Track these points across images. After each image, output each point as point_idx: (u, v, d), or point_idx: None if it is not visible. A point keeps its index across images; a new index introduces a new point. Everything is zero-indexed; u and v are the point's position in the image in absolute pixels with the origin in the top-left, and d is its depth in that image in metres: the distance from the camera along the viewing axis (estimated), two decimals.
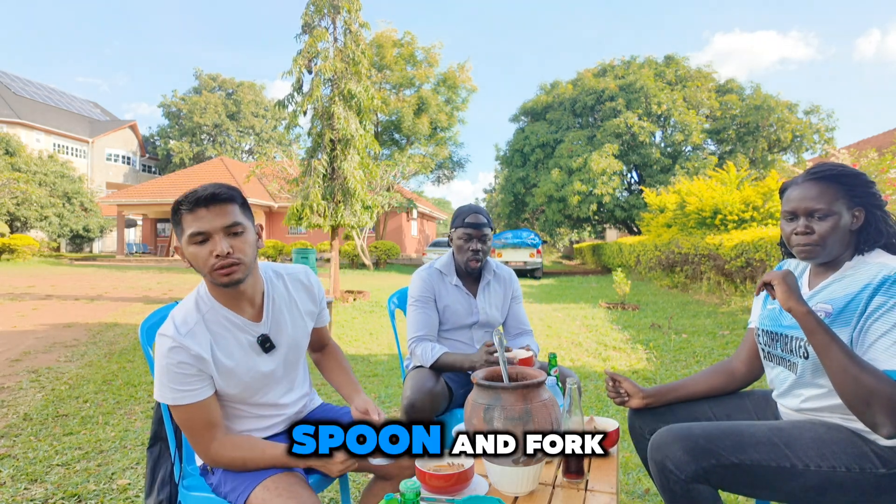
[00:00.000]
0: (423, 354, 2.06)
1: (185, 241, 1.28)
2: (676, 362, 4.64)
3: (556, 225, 22.75)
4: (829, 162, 1.37)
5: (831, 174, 1.30)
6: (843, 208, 1.29)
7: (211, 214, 1.26)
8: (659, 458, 1.27)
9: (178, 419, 1.32)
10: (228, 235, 1.27)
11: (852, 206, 1.30)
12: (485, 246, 2.14)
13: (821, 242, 1.30)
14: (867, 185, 1.31)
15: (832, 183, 1.30)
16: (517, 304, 2.34)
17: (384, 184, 18.80)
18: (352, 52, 9.53)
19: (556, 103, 24.00)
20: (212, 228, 1.25)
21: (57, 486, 2.33)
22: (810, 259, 1.34)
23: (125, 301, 9.41)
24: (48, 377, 4.20)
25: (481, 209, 2.17)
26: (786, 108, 21.11)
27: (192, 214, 1.26)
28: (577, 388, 1.43)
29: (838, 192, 1.29)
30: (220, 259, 1.26)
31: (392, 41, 23.93)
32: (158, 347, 1.30)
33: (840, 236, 1.30)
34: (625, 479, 2.38)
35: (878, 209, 1.30)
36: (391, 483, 1.51)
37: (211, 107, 41.95)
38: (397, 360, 4.55)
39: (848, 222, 1.30)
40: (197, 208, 1.25)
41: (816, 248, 1.31)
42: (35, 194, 23.07)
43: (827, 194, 1.29)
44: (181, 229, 1.28)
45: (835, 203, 1.29)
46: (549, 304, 9.35)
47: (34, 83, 37.60)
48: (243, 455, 1.32)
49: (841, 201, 1.29)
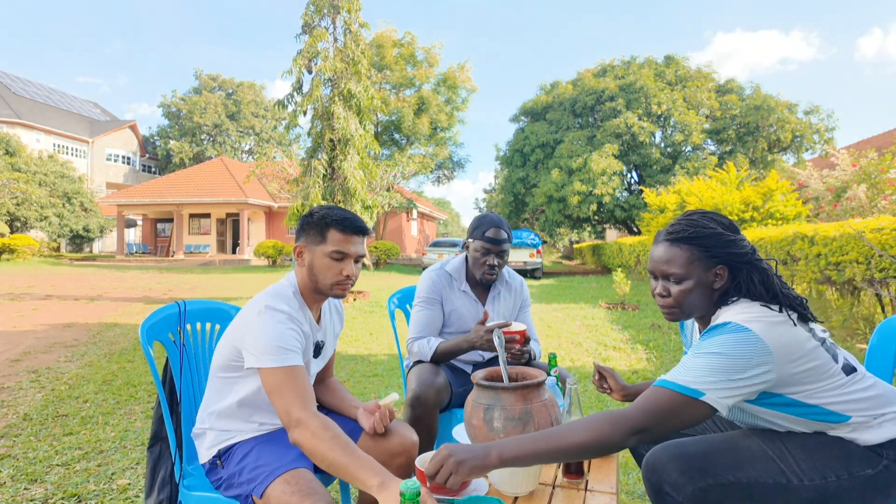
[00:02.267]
0: (422, 350, 2.08)
1: (320, 251, 1.47)
2: (676, 362, 4.63)
3: (556, 225, 22.74)
4: (693, 218, 1.30)
5: (686, 235, 1.27)
6: (699, 270, 1.27)
7: (357, 242, 1.50)
8: (655, 480, 1.25)
9: (279, 382, 1.29)
10: (356, 261, 1.51)
11: (712, 266, 1.27)
12: (502, 261, 2.11)
13: (677, 305, 1.30)
14: (727, 242, 1.26)
15: (687, 245, 1.27)
16: (525, 312, 2.32)
17: (384, 184, 18.80)
18: (352, 52, 9.53)
19: (556, 103, 24.00)
20: (353, 253, 1.49)
21: (57, 486, 2.33)
22: (673, 320, 1.34)
23: (125, 301, 9.41)
24: (48, 377, 4.20)
25: (503, 222, 2.11)
26: (786, 109, 21.11)
27: (343, 235, 1.47)
28: (575, 389, 1.43)
29: (693, 255, 1.27)
30: (347, 279, 1.49)
31: (392, 41, 23.93)
32: (271, 316, 1.38)
33: (700, 296, 1.28)
34: (625, 479, 2.38)
35: (744, 263, 1.26)
36: None
37: (211, 107, 41.94)
38: (397, 360, 4.55)
39: (709, 282, 1.27)
40: (351, 234, 1.48)
41: (675, 311, 1.31)
42: (35, 194, 23.07)
43: (680, 258, 1.27)
44: (322, 240, 1.47)
45: (690, 266, 1.27)
46: (548, 304, 9.35)
47: (34, 83, 37.60)
48: (335, 456, 1.22)
49: (697, 263, 1.27)
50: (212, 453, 1.45)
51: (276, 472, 1.30)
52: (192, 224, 27.50)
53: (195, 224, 27.56)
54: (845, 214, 8.00)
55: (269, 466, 1.33)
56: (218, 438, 1.45)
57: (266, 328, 1.36)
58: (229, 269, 19.82)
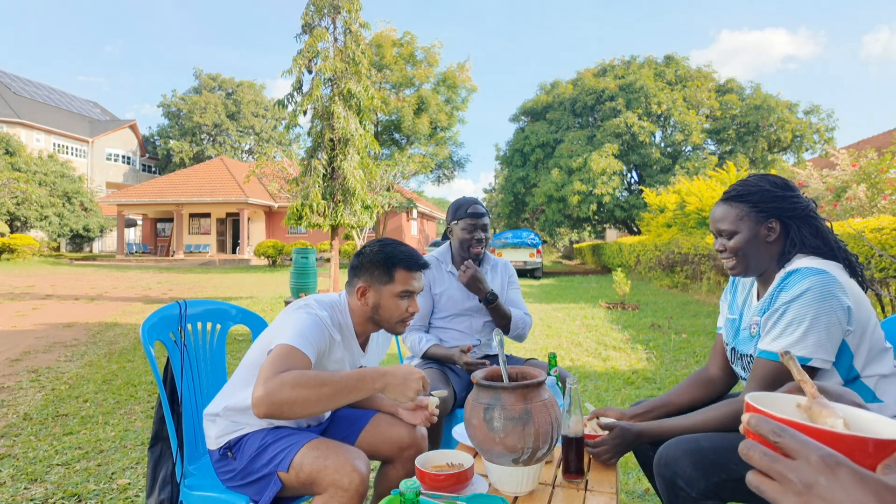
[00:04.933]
0: (413, 347, 2.17)
1: (388, 291, 1.47)
2: (676, 362, 4.64)
3: (556, 225, 22.74)
4: (748, 178, 1.38)
5: (735, 194, 1.36)
6: (749, 225, 1.33)
7: (420, 278, 1.52)
8: (668, 474, 1.24)
9: (282, 354, 1.27)
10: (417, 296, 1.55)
11: (762, 221, 1.32)
12: (486, 234, 2.26)
13: (735, 258, 1.36)
14: (776, 197, 1.32)
15: (736, 202, 1.35)
16: (512, 289, 2.39)
17: (384, 184, 18.80)
18: (352, 51, 9.53)
19: (556, 103, 24.00)
20: (418, 290, 1.51)
21: (57, 485, 2.33)
22: (736, 275, 1.40)
23: (125, 301, 9.41)
24: (48, 377, 4.20)
25: (477, 200, 2.29)
26: (786, 108, 21.13)
27: (409, 274, 1.48)
28: (575, 389, 1.43)
29: (742, 211, 1.34)
30: (411, 316, 1.50)
31: (392, 41, 23.91)
32: (308, 312, 1.39)
33: (756, 251, 1.34)
34: (625, 479, 2.38)
35: (794, 218, 1.31)
36: (395, 468, 1.55)
37: (211, 106, 41.93)
38: (397, 360, 4.55)
39: (762, 236, 1.33)
40: (416, 271, 1.49)
41: (734, 265, 1.37)
42: (35, 194, 23.07)
43: (730, 214, 1.35)
44: (389, 280, 1.46)
45: (740, 222, 1.34)
46: (549, 304, 9.34)
47: (34, 83, 37.59)
48: (317, 374, 1.23)
49: (747, 219, 1.33)
50: (220, 443, 1.44)
51: (299, 443, 1.33)
52: (192, 224, 27.50)
53: (195, 224, 27.56)
54: (845, 214, 7.99)
55: (290, 441, 1.35)
56: (228, 429, 1.45)
57: (300, 318, 1.38)
58: (229, 269, 19.82)
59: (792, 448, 0.48)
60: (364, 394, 1.27)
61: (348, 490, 1.24)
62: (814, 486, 0.45)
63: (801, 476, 0.46)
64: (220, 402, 1.49)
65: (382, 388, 1.28)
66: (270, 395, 1.16)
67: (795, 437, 0.48)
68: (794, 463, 0.47)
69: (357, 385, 1.26)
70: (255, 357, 1.46)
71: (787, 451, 0.48)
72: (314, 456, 1.29)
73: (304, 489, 1.33)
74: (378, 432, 1.56)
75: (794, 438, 0.48)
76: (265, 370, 1.22)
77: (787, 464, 0.47)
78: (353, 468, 1.26)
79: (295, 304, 1.44)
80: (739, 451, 0.51)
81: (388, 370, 1.30)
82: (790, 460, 0.48)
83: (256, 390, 1.18)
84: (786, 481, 0.47)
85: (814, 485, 0.45)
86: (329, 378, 1.23)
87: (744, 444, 0.51)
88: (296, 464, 1.30)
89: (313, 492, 1.31)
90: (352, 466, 1.26)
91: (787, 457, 0.48)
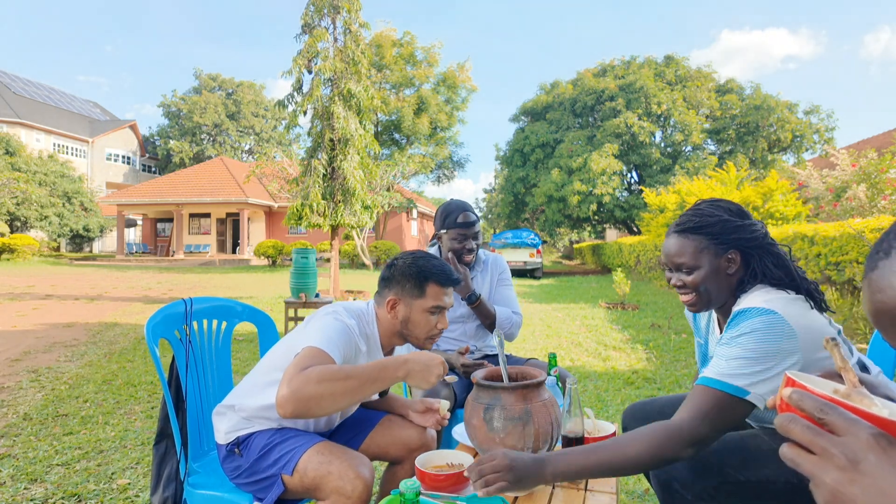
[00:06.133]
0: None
1: (419, 306, 1.44)
2: (676, 362, 4.65)
3: (556, 225, 22.75)
4: (700, 206, 1.31)
5: (692, 225, 1.28)
6: (709, 258, 1.26)
7: (451, 294, 1.50)
8: (664, 477, 1.23)
9: (306, 356, 1.26)
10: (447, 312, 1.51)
11: (722, 253, 1.26)
12: (478, 242, 2.19)
13: (694, 295, 1.29)
14: (737, 227, 1.26)
15: (693, 234, 1.28)
16: (504, 286, 2.30)
17: (384, 183, 18.80)
18: (352, 52, 9.54)
19: (556, 103, 24.01)
20: (449, 305, 1.48)
21: (57, 485, 2.33)
22: (695, 311, 1.33)
23: (125, 301, 9.41)
24: (48, 377, 4.20)
25: (468, 205, 2.20)
26: (786, 108, 21.14)
27: (442, 289, 1.45)
28: (575, 389, 1.43)
29: (701, 244, 1.27)
30: (439, 332, 1.48)
31: (392, 41, 23.91)
32: (336, 319, 1.38)
33: (717, 285, 1.27)
34: (624, 479, 2.38)
35: (755, 248, 1.26)
36: (404, 468, 1.55)
37: (211, 107, 41.92)
38: None
39: (723, 268, 1.27)
40: (448, 286, 1.47)
41: (695, 301, 1.30)
42: (35, 194, 23.06)
43: (688, 248, 1.28)
44: (421, 294, 1.44)
45: (700, 255, 1.27)
46: (548, 304, 9.35)
47: (34, 83, 37.58)
48: (341, 368, 1.22)
49: (706, 251, 1.26)
50: (229, 439, 1.44)
51: (305, 446, 1.32)
52: (192, 224, 27.49)
53: (195, 224, 27.55)
54: (845, 214, 7.99)
55: (296, 442, 1.34)
56: (238, 426, 1.44)
57: (328, 323, 1.36)
58: (229, 269, 19.82)
59: (839, 425, 0.47)
60: (388, 383, 1.25)
61: (351, 497, 1.24)
62: (861, 463, 0.45)
63: (847, 451, 0.46)
64: (233, 399, 1.48)
65: (405, 375, 1.26)
66: (296, 393, 1.15)
67: (844, 414, 0.48)
68: (840, 439, 0.47)
69: (381, 375, 1.24)
70: (277, 359, 1.44)
71: (834, 427, 0.48)
72: (318, 461, 1.28)
73: (307, 493, 1.33)
74: (389, 433, 1.57)
75: (843, 416, 0.48)
76: (290, 370, 1.20)
77: (832, 439, 0.47)
78: (357, 475, 1.25)
79: (323, 310, 1.42)
80: (776, 425, 0.51)
81: (409, 357, 1.28)
82: (835, 436, 0.47)
83: (281, 389, 1.16)
84: (828, 455, 0.46)
85: (861, 461, 0.45)
86: (353, 370, 1.22)
87: (782, 416, 0.51)
88: (300, 468, 1.29)
89: (316, 496, 1.31)
90: (355, 473, 1.25)
91: (831, 433, 0.48)
